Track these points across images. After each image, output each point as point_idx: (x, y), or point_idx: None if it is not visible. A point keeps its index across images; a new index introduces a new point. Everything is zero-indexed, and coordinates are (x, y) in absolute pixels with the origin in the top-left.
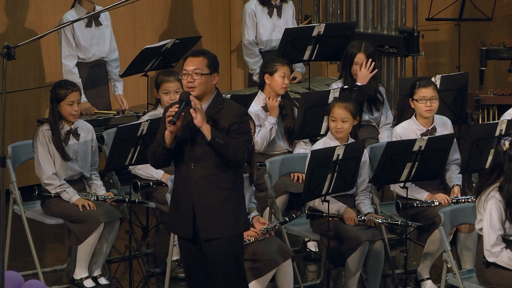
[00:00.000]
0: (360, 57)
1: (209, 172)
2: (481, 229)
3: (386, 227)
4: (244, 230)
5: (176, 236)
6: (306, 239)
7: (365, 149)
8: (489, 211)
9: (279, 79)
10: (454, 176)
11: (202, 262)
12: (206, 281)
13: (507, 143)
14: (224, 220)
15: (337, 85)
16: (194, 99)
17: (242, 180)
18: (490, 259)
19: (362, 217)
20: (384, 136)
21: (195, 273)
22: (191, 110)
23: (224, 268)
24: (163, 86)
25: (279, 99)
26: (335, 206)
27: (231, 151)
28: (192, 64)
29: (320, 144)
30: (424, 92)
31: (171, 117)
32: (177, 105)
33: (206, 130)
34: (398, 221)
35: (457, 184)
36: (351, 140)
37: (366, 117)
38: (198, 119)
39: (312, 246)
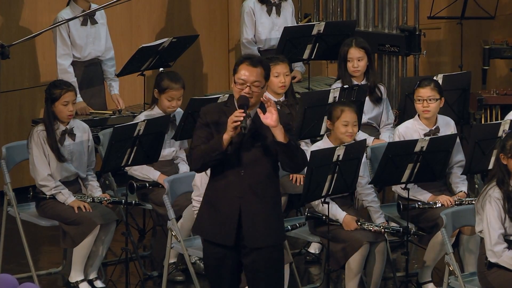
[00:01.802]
0: (353, 52)
1: (259, 179)
2: (481, 231)
3: None
4: (285, 238)
5: (172, 238)
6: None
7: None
8: (487, 211)
9: (273, 79)
10: (460, 182)
11: (235, 270)
12: None
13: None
14: (269, 229)
15: (336, 86)
16: (270, 99)
17: (280, 188)
18: (493, 259)
19: (362, 225)
20: (386, 137)
21: (223, 280)
22: (268, 109)
23: (265, 277)
24: (168, 93)
25: (282, 98)
26: (334, 213)
27: (299, 154)
28: (252, 76)
29: (316, 147)
30: (421, 92)
31: (240, 123)
32: (241, 110)
33: (280, 131)
34: (400, 229)
35: (463, 191)
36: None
37: (365, 119)
38: (274, 119)
39: (312, 248)
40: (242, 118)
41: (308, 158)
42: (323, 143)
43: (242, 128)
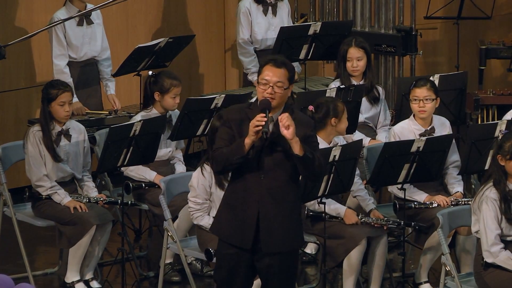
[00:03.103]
0: (352, 52)
1: (278, 184)
2: (477, 232)
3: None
4: (302, 244)
5: (168, 238)
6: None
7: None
8: (484, 211)
9: None
10: (456, 182)
11: (248, 273)
12: None
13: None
14: (286, 234)
15: (334, 85)
16: (284, 114)
17: (300, 193)
18: (489, 260)
19: (363, 219)
20: (382, 137)
21: (235, 282)
22: (281, 122)
23: (279, 282)
24: (173, 91)
25: None
26: (335, 208)
27: (316, 164)
28: (275, 76)
29: None
30: (417, 92)
31: (261, 127)
32: (263, 115)
33: (296, 143)
34: (400, 222)
35: (459, 192)
36: (339, 140)
37: (362, 118)
38: (290, 132)
39: (308, 249)
40: (263, 123)
41: None
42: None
43: (263, 133)
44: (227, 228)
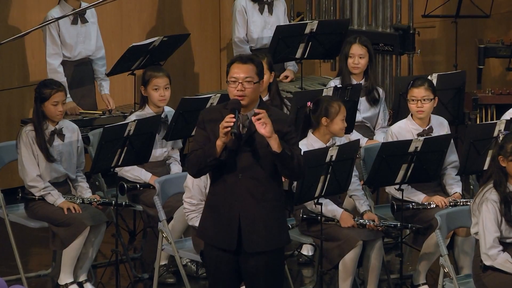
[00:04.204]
0: (355, 48)
1: (256, 183)
2: (476, 233)
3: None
4: (287, 242)
5: (163, 240)
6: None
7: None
8: (484, 213)
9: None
10: (454, 183)
11: (236, 274)
12: None
13: (501, 136)
14: (269, 233)
15: (334, 83)
16: (260, 111)
17: (283, 191)
18: (487, 262)
19: (359, 221)
20: (380, 138)
21: (225, 285)
22: (256, 120)
23: (265, 281)
24: (152, 82)
25: (266, 97)
26: (331, 210)
27: (295, 162)
28: (242, 72)
29: (302, 145)
30: (415, 92)
31: (230, 128)
32: (232, 115)
33: (274, 140)
34: (397, 224)
35: (458, 192)
36: (338, 139)
37: (360, 117)
38: (268, 130)
39: (304, 250)
40: (232, 124)
41: None
42: (309, 140)
43: (232, 134)
44: (211, 231)
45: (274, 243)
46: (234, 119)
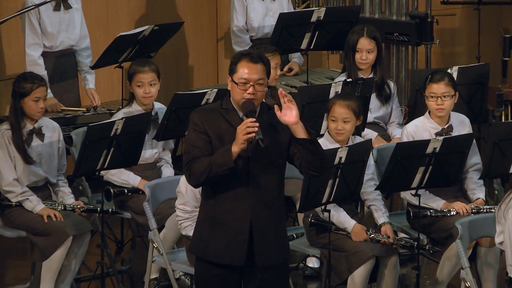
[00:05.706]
0: (363, 43)
1: (269, 189)
2: (502, 243)
3: None
4: (290, 254)
5: (154, 251)
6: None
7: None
8: (510, 221)
9: None
10: (477, 188)
11: None
12: None
13: None
14: (279, 244)
15: (340, 79)
16: (286, 94)
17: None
18: None
19: (372, 235)
20: (397, 133)
21: None
22: (285, 99)
23: None
24: (136, 78)
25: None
26: (343, 222)
27: (322, 149)
28: (254, 73)
29: None
30: (434, 88)
31: (255, 134)
32: (253, 119)
33: (301, 127)
34: (413, 244)
35: (481, 198)
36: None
37: (371, 118)
38: (294, 115)
39: (310, 262)
40: (256, 129)
41: None
42: (325, 141)
43: (259, 141)
44: (214, 246)
45: (283, 255)
46: (257, 124)
